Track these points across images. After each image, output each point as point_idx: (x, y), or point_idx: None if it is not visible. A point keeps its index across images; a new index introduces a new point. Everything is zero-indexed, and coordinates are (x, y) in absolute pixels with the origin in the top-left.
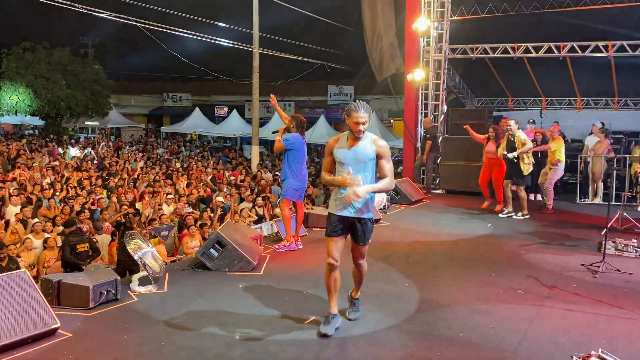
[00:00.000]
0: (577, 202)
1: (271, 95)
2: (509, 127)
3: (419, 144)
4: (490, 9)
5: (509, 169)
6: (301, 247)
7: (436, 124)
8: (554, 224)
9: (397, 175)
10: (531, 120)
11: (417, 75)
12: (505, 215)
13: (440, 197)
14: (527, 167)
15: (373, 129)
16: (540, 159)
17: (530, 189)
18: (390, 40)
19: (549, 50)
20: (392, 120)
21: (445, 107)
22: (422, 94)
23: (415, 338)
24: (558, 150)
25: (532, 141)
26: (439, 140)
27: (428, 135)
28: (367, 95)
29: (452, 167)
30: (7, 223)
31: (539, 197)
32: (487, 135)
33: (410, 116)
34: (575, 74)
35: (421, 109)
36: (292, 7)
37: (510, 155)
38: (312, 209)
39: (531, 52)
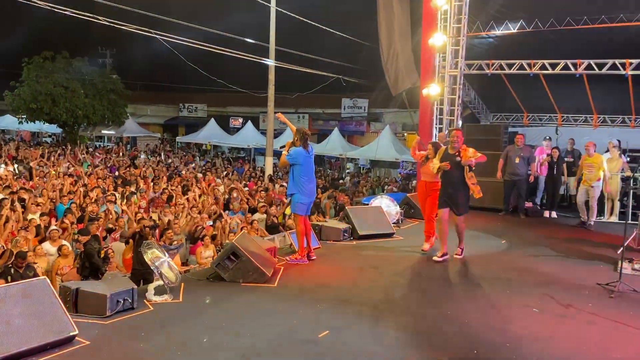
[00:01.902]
0: (593, 220)
1: (278, 114)
2: (451, 140)
3: None
4: (506, 26)
5: (450, 193)
6: (314, 258)
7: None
8: (569, 242)
9: (411, 189)
10: (547, 137)
11: (433, 90)
12: (441, 259)
13: None
14: (476, 188)
15: (386, 142)
16: (556, 176)
17: (544, 206)
18: (406, 55)
19: (565, 67)
20: (405, 134)
21: (460, 122)
22: (437, 108)
23: (429, 353)
24: (600, 166)
25: (548, 155)
26: None
27: None
28: (381, 109)
29: None
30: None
31: (554, 214)
32: (423, 154)
33: (425, 130)
34: (592, 90)
35: (436, 124)
36: (307, 20)
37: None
38: (325, 221)
39: (547, 69)
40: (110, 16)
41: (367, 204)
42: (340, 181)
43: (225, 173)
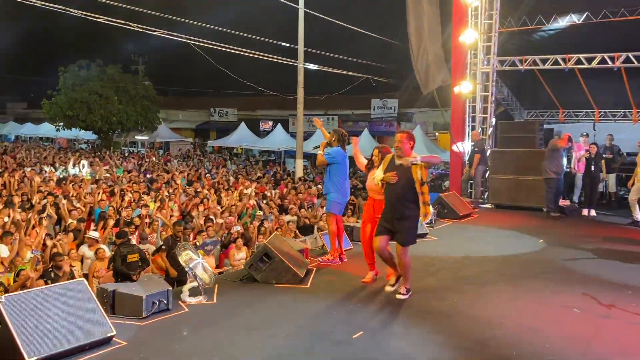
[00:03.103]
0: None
1: (315, 118)
2: (395, 146)
3: (466, 158)
4: (539, 20)
5: (393, 215)
6: (346, 260)
7: (484, 137)
8: (609, 240)
9: (444, 189)
10: (584, 134)
11: (465, 87)
12: (393, 288)
13: (489, 212)
14: (426, 210)
15: (417, 142)
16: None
17: (582, 204)
18: (436, 53)
19: (602, 61)
20: (437, 134)
21: (493, 120)
22: (469, 106)
23: (466, 356)
24: None
25: (586, 151)
26: (488, 154)
27: (476, 149)
28: (412, 109)
29: (501, 181)
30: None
31: (593, 212)
32: (367, 164)
33: (457, 129)
34: (631, 84)
35: (468, 122)
36: (336, 21)
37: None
38: (357, 222)
39: (583, 64)
40: (143, 22)
41: None
42: None
43: (257, 176)
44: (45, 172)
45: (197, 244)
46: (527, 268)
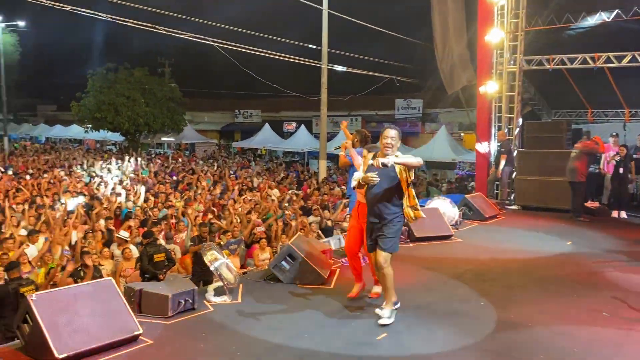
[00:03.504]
0: None
1: (342, 122)
2: (383, 143)
3: (492, 158)
4: (568, 19)
5: (375, 220)
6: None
7: (511, 137)
8: (639, 242)
9: (469, 190)
10: (614, 134)
11: (490, 87)
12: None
13: (516, 214)
14: (414, 213)
15: (442, 143)
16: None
17: (613, 205)
18: (461, 52)
19: (633, 59)
20: (462, 134)
21: (520, 120)
22: (495, 106)
23: (492, 359)
24: None
25: (616, 154)
26: (514, 154)
27: (502, 149)
28: (436, 109)
29: (528, 182)
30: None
31: (623, 214)
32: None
33: (483, 129)
34: None
35: (494, 122)
36: (359, 22)
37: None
38: None
39: (613, 62)
40: (168, 25)
41: (423, 206)
42: None
43: (281, 177)
44: (75, 172)
45: (222, 243)
46: (554, 270)
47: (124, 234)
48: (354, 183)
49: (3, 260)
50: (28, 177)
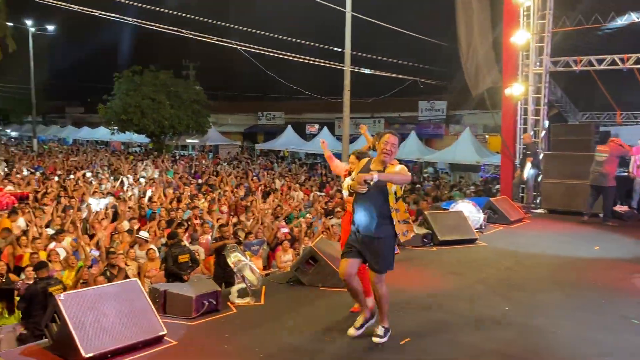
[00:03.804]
0: None
1: (361, 125)
2: (381, 148)
3: (517, 161)
4: (596, 19)
5: (363, 234)
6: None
7: (537, 139)
8: None
9: (494, 193)
10: None
11: (516, 89)
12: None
13: (542, 217)
14: (404, 227)
15: (466, 145)
16: None
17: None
18: (486, 54)
19: None
20: (487, 136)
21: (546, 122)
22: (521, 108)
23: None
24: None
25: None
26: (540, 157)
27: (528, 152)
28: (461, 111)
29: (554, 185)
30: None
31: None
32: (348, 168)
33: (508, 132)
34: None
35: (520, 124)
36: (382, 23)
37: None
38: None
39: None
40: (193, 28)
41: (447, 209)
42: (418, 186)
43: (303, 179)
44: (101, 174)
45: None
46: (581, 276)
47: (143, 234)
48: (344, 192)
49: (33, 260)
50: (56, 178)
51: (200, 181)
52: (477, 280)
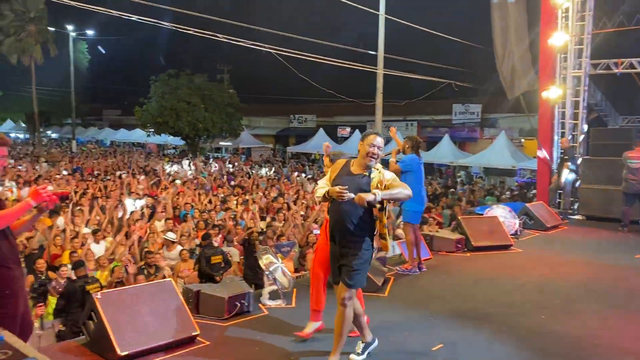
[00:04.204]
0: None
1: (391, 127)
2: (364, 150)
3: (554, 166)
4: (638, 20)
5: (339, 245)
6: (425, 270)
7: (575, 144)
8: None
9: (531, 198)
10: None
11: (553, 92)
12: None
13: (579, 224)
14: (381, 244)
15: (502, 149)
16: None
17: None
18: (522, 56)
19: None
20: (522, 140)
21: (585, 126)
22: (558, 112)
23: None
24: None
25: None
26: (578, 162)
27: (566, 157)
28: (496, 114)
29: (593, 191)
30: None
31: None
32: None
33: (545, 136)
34: None
35: (557, 129)
36: (416, 26)
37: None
38: (437, 231)
39: None
40: (227, 33)
41: (481, 214)
42: (452, 190)
43: None
44: (137, 175)
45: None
46: (621, 285)
47: (171, 235)
48: (318, 196)
49: (73, 258)
50: (94, 179)
51: (233, 183)
52: (513, 287)
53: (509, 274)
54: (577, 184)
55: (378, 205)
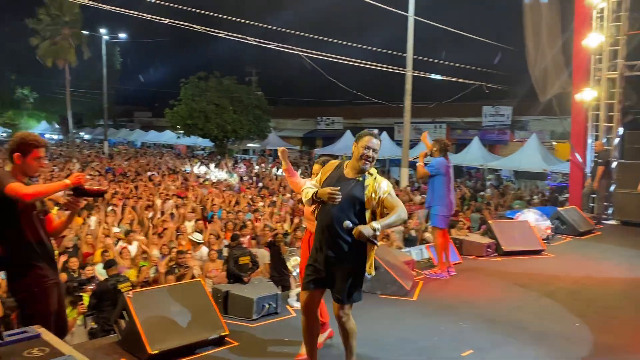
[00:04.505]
0: None
1: (424, 132)
2: (359, 152)
3: (588, 169)
4: None
5: (329, 256)
6: (454, 273)
7: (610, 147)
8: None
9: (563, 202)
10: None
11: (587, 94)
12: None
13: (614, 229)
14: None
15: (533, 152)
16: None
17: None
18: (555, 58)
19: None
20: (554, 143)
21: (620, 129)
22: (592, 114)
23: None
24: None
25: None
26: (613, 166)
27: (600, 160)
28: (526, 116)
29: (629, 195)
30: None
31: None
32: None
33: (578, 139)
34: None
35: (591, 131)
36: (445, 27)
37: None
38: (467, 235)
39: None
40: (256, 36)
41: (512, 218)
42: (481, 193)
43: None
44: (168, 176)
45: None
46: None
47: (197, 236)
48: (306, 198)
49: (104, 257)
50: (125, 179)
51: (260, 185)
52: (544, 293)
53: (540, 279)
54: (611, 188)
55: (376, 246)
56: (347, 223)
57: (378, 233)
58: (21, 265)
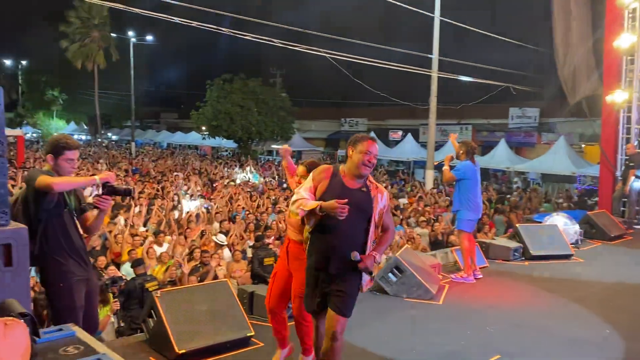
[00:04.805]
0: None
1: (451, 134)
2: (358, 157)
3: (618, 173)
4: None
5: (332, 274)
6: (480, 277)
7: None
8: None
9: (592, 206)
10: None
11: (619, 96)
12: None
13: None
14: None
15: (561, 154)
16: None
17: None
18: (585, 59)
19: None
20: (583, 145)
21: None
22: (623, 116)
23: None
24: None
25: None
26: None
27: (632, 164)
28: (554, 118)
29: None
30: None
31: None
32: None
33: (608, 141)
34: None
35: (622, 134)
36: (471, 28)
37: None
38: (494, 238)
39: None
40: (280, 37)
41: (540, 222)
42: (508, 196)
43: (384, 186)
44: (193, 176)
45: None
46: None
47: (221, 237)
48: (303, 209)
49: (132, 256)
50: (151, 179)
51: (285, 185)
52: (573, 298)
53: (569, 284)
54: None
55: (372, 274)
56: (355, 255)
57: (379, 262)
58: (48, 260)
